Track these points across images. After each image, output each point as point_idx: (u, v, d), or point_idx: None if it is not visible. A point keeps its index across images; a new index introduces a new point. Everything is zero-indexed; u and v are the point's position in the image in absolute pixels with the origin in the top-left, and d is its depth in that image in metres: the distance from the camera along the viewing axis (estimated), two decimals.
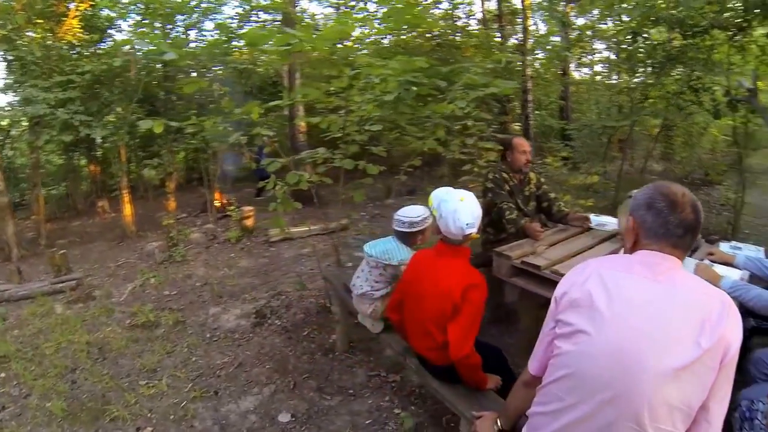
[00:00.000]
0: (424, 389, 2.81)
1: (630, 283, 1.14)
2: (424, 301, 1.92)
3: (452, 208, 1.88)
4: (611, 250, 2.80)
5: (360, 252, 5.22)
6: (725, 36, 4.79)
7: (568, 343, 1.17)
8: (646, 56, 6.05)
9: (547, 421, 1.22)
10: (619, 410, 1.07)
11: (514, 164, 3.27)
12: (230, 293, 4.38)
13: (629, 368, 1.06)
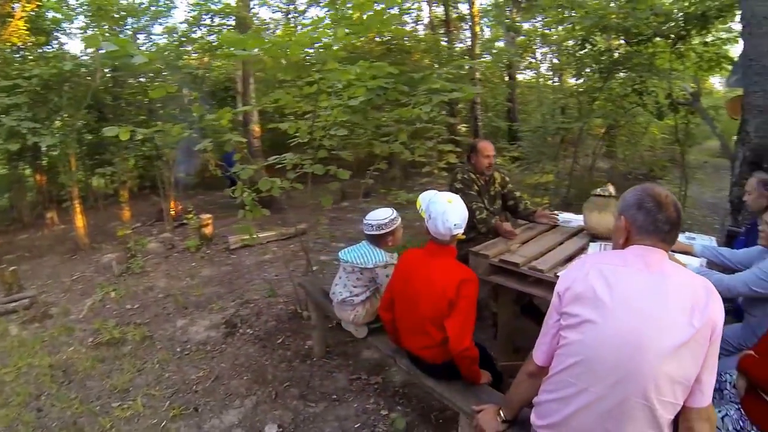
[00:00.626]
0: (407, 389, 2.86)
1: (627, 275, 1.27)
2: (419, 300, 1.96)
3: (441, 209, 1.95)
4: (580, 245, 2.95)
5: (323, 255, 5.29)
6: (667, 44, 5.20)
7: (575, 333, 1.28)
8: (593, 61, 6.43)
9: (559, 407, 1.32)
10: (629, 389, 1.19)
11: (478, 166, 3.36)
12: (196, 304, 4.22)
13: (635, 350, 1.19)
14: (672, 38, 5.08)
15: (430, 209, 1.99)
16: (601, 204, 3.10)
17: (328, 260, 5.15)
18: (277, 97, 3.16)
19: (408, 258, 2.11)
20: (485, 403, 1.82)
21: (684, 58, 5.21)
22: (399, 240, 2.55)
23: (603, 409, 1.23)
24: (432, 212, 1.97)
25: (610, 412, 1.22)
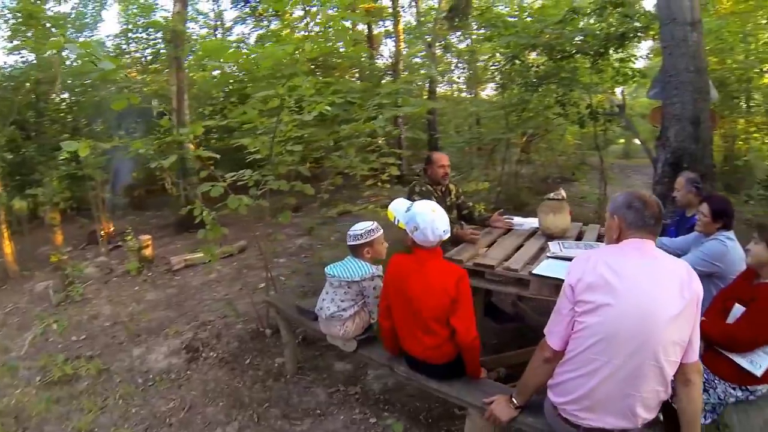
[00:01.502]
0: (387, 395, 2.89)
1: (628, 262, 1.52)
2: (419, 303, 2.02)
3: (429, 219, 2.02)
4: (539, 245, 3.17)
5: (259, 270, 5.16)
6: (588, 60, 5.75)
7: (593, 316, 1.50)
8: (519, 75, 6.91)
9: (584, 382, 1.54)
10: (643, 354, 1.46)
11: (434, 177, 3.49)
12: (148, 330, 3.92)
13: (645, 322, 1.45)
14: (591, 55, 5.63)
15: (416, 221, 2.04)
16: (555, 206, 3.36)
17: (274, 276, 5.03)
18: (242, 111, 3.05)
19: (398, 264, 2.16)
20: (492, 395, 1.92)
21: (602, 72, 5.79)
22: (379, 253, 2.53)
23: (623, 376, 1.48)
24: (420, 223, 2.03)
25: (628, 377, 1.47)
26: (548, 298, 2.61)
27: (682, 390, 1.53)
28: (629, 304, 1.46)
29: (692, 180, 3.06)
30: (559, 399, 1.62)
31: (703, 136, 3.67)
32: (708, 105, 3.72)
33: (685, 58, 3.56)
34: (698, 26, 3.55)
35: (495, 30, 5.76)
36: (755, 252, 2.01)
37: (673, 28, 3.59)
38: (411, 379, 2.28)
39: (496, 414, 1.83)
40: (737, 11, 5.71)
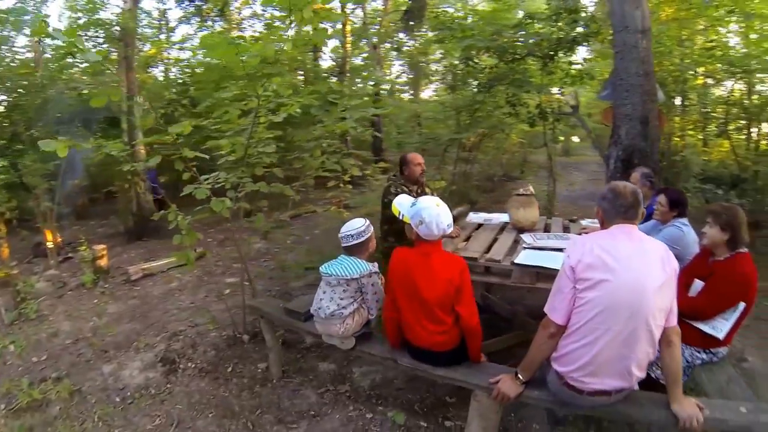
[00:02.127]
0: (377, 390, 2.94)
1: (619, 245, 1.77)
2: (427, 292, 2.12)
3: (435, 213, 2.12)
4: (513, 237, 3.36)
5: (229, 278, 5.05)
6: (538, 62, 6.09)
7: (593, 291, 1.72)
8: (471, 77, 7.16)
9: (587, 350, 1.76)
10: (637, 320, 1.70)
11: (411, 176, 3.56)
12: (115, 345, 3.70)
13: (638, 293, 1.70)
14: (541, 57, 5.97)
15: (422, 215, 2.13)
16: (525, 201, 3.57)
17: (231, 282, 4.95)
18: (221, 112, 2.96)
19: (402, 258, 2.23)
20: (495, 375, 2.07)
21: (552, 74, 6.15)
22: (373, 248, 2.60)
23: (621, 340, 1.72)
24: (425, 218, 2.12)
25: (625, 341, 1.72)
26: (530, 285, 2.81)
27: (665, 350, 1.79)
28: (624, 279, 1.70)
29: (646, 175, 3.36)
30: (564, 368, 1.82)
31: (651, 135, 4.04)
32: (656, 106, 4.10)
33: (636, 62, 3.90)
34: (648, 34, 3.91)
35: (450, 33, 5.94)
36: (710, 234, 2.28)
37: (625, 35, 3.92)
38: (415, 370, 2.35)
39: (504, 391, 1.98)
40: (678, 18, 6.31)
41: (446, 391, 2.88)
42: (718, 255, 2.30)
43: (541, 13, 5.43)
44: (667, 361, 1.81)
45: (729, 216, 2.23)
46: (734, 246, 2.23)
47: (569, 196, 9.01)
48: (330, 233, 7.02)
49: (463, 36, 5.74)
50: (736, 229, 2.21)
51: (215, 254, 6.36)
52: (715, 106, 6.93)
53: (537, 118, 6.87)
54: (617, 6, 3.95)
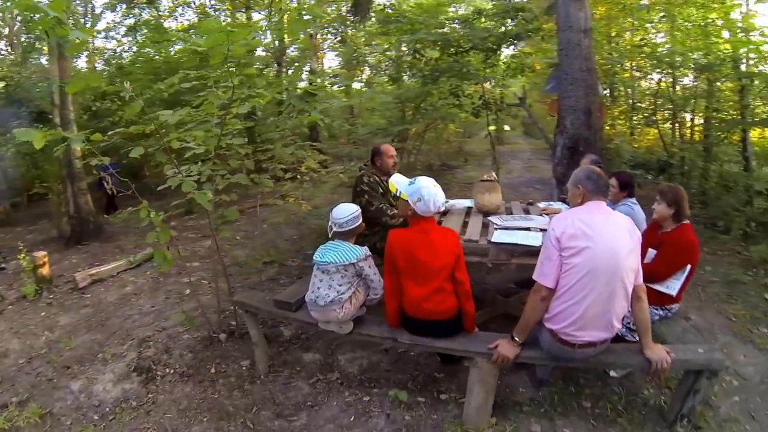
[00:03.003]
0: (367, 374, 3.05)
1: (594, 218, 2.11)
2: (432, 264, 2.34)
3: (433, 192, 2.35)
4: (481, 219, 3.60)
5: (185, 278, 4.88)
6: (481, 56, 6.43)
7: (578, 257, 2.05)
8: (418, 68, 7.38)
9: (576, 307, 2.08)
10: (615, 280, 2.04)
11: (384, 167, 3.66)
12: (77, 359, 3.45)
13: (614, 257, 2.04)
14: (484, 51, 6.31)
15: (421, 193, 2.35)
16: (489, 187, 3.83)
17: (190, 281, 4.79)
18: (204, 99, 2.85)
19: (401, 238, 2.41)
20: (490, 341, 2.33)
21: (494, 66, 6.54)
22: (361, 230, 2.75)
23: (603, 298, 2.06)
24: (424, 195, 2.34)
25: (607, 298, 2.06)
26: (506, 261, 3.07)
27: (636, 304, 2.16)
28: (602, 246, 2.03)
29: (595, 161, 3.74)
30: (558, 326, 2.14)
31: (594, 125, 4.50)
32: (597, 98, 4.56)
33: (579, 59, 4.31)
34: (589, 33, 4.33)
35: (399, 25, 6.09)
36: (659, 210, 2.69)
37: (569, 34, 4.31)
38: (415, 345, 2.55)
39: (503, 354, 2.24)
40: (608, 16, 6.96)
41: (433, 369, 3.06)
42: (666, 227, 2.71)
43: (490, 10, 5.74)
44: (637, 313, 2.18)
45: (674, 194, 2.64)
46: (679, 219, 2.65)
47: (510, 183, 9.57)
48: (278, 228, 6.96)
49: (413, 29, 5.90)
50: (681, 205, 2.62)
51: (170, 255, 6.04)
52: (642, 98, 7.78)
53: (480, 108, 7.26)
54: (562, 6, 4.33)
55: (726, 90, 6.19)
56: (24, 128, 2.06)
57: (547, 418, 2.57)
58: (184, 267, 5.43)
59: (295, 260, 5.49)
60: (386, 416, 2.65)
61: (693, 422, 2.36)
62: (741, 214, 5.21)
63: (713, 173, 6.10)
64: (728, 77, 5.73)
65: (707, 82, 6.27)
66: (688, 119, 7.35)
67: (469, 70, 6.63)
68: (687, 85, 7.23)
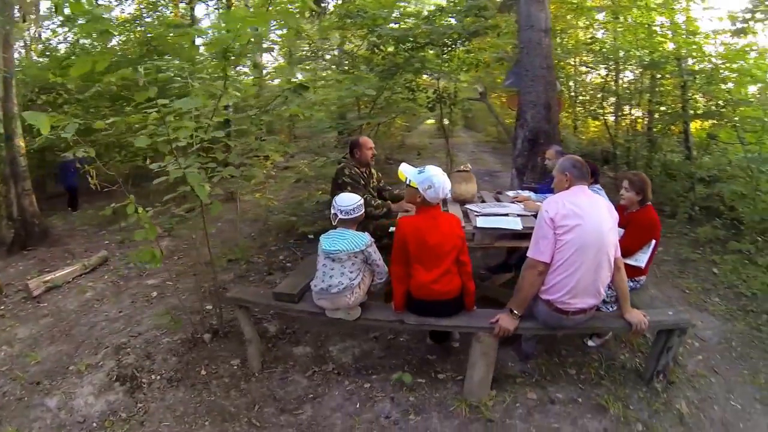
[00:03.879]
0: (361, 362, 3.13)
1: (581, 200, 2.40)
2: (442, 247, 2.52)
3: (442, 180, 2.53)
4: (459, 208, 3.76)
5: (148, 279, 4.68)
6: (437, 51, 6.62)
7: (570, 234, 2.32)
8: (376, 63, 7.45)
9: (569, 280, 2.35)
10: (601, 254, 2.34)
11: (362, 159, 3.76)
12: (46, 373, 3.22)
13: (599, 233, 2.33)
14: (440, 46, 6.52)
15: (432, 181, 2.52)
16: (466, 177, 4.02)
17: (154, 283, 4.66)
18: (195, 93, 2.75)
19: (412, 224, 2.57)
20: (489, 317, 2.55)
21: (449, 62, 6.77)
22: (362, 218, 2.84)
23: (592, 269, 2.35)
24: (435, 183, 2.51)
25: (595, 269, 2.35)
26: (489, 245, 3.32)
27: (616, 274, 2.49)
28: (590, 224, 2.32)
29: (560, 151, 4.07)
30: (553, 296, 2.41)
31: (553, 119, 4.83)
32: (555, 94, 4.89)
33: (540, 57, 4.62)
34: (549, 33, 4.64)
35: (361, 20, 6.12)
36: (627, 197, 3.04)
37: (530, 33, 4.60)
38: (421, 326, 2.72)
39: (504, 326, 2.46)
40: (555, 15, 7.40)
41: (424, 352, 3.21)
42: (632, 209, 3.05)
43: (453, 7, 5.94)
44: (617, 282, 2.51)
45: (641, 182, 3.01)
46: (643, 202, 2.98)
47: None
48: (234, 225, 6.78)
49: (374, 23, 5.97)
50: (646, 191, 2.99)
51: (120, 256, 5.71)
52: (587, 92, 8.39)
53: (435, 102, 7.48)
54: (524, 7, 4.61)
55: (668, 85, 6.87)
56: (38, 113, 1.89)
57: (539, 386, 2.81)
58: (145, 269, 5.18)
59: (260, 257, 5.40)
60: (390, 399, 2.76)
61: (667, 378, 2.70)
62: (685, 200, 5.85)
63: (657, 162, 6.75)
64: (672, 74, 6.34)
65: (650, 78, 6.93)
66: (632, 112, 8.03)
67: (425, 65, 6.81)
68: (631, 80, 7.88)
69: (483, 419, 2.55)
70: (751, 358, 3.10)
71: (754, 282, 4.11)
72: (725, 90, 5.75)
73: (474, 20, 5.62)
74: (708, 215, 5.76)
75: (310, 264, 3.44)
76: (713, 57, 5.90)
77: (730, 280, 4.26)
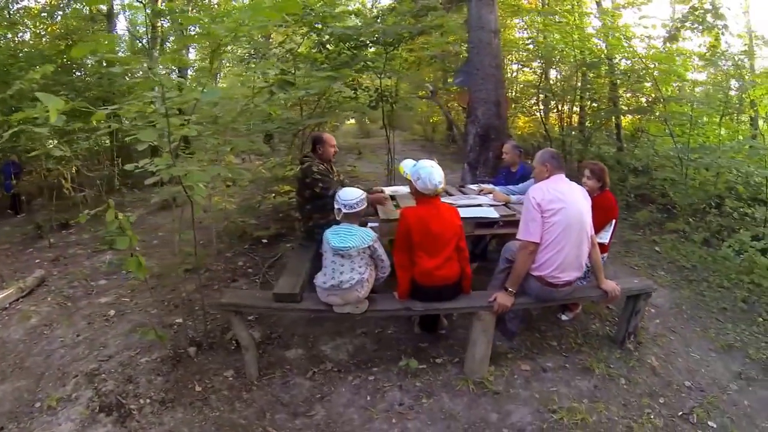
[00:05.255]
0: (357, 357, 3.25)
1: (561, 186, 2.82)
2: (445, 235, 2.79)
3: (429, 171, 2.79)
4: None
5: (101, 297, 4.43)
6: (378, 50, 6.80)
7: (557, 216, 2.71)
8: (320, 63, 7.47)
9: (558, 255, 2.75)
10: (582, 232, 2.78)
11: (325, 155, 3.87)
12: (9, 416, 2.86)
13: (580, 214, 2.77)
14: (383, 45, 6.71)
15: (420, 173, 2.79)
16: None
17: (108, 301, 4.40)
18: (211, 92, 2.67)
19: (416, 214, 2.82)
20: (486, 297, 2.89)
21: (392, 60, 6.99)
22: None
23: (575, 245, 2.77)
24: (421, 174, 2.78)
25: (578, 245, 2.78)
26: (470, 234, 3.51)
27: (592, 250, 2.94)
28: (572, 206, 2.74)
29: (516, 146, 4.51)
30: (544, 272, 2.80)
31: (502, 115, 5.28)
32: (504, 92, 5.31)
33: (490, 56, 5.03)
34: (498, 34, 5.04)
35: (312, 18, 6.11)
36: (590, 184, 3.48)
37: (481, 34, 4.99)
38: (427, 310, 2.95)
39: (502, 303, 2.80)
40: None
41: (415, 340, 3.43)
42: (593, 194, 3.50)
43: (404, 8, 6.15)
44: (594, 256, 2.98)
45: (600, 171, 3.46)
46: (603, 188, 3.46)
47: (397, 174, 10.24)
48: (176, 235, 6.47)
49: (324, 22, 6.03)
50: (604, 178, 3.48)
51: (60, 275, 5.24)
52: (522, 89, 9.09)
53: (377, 101, 7.66)
54: (475, 9, 4.99)
55: (599, 83, 7.71)
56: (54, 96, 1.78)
57: (528, 359, 3.19)
58: (91, 287, 4.81)
59: (219, 264, 5.25)
60: (399, 387, 2.94)
61: (637, 338, 3.20)
62: (623, 188, 6.66)
63: (591, 154, 7.53)
64: (605, 73, 7.13)
65: (582, 77, 7.72)
66: (565, 108, 8.86)
67: (367, 64, 6.97)
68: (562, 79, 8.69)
69: (489, 392, 2.85)
70: (699, 317, 3.81)
71: (693, 256, 4.94)
72: (654, 88, 6.57)
73: (420, 20, 5.91)
74: (643, 201, 6.65)
75: (298, 262, 3.54)
76: (644, 59, 6.74)
77: (672, 256, 5.05)
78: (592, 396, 2.83)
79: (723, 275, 4.55)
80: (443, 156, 12.35)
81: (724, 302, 4.09)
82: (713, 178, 5.97)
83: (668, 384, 2.96)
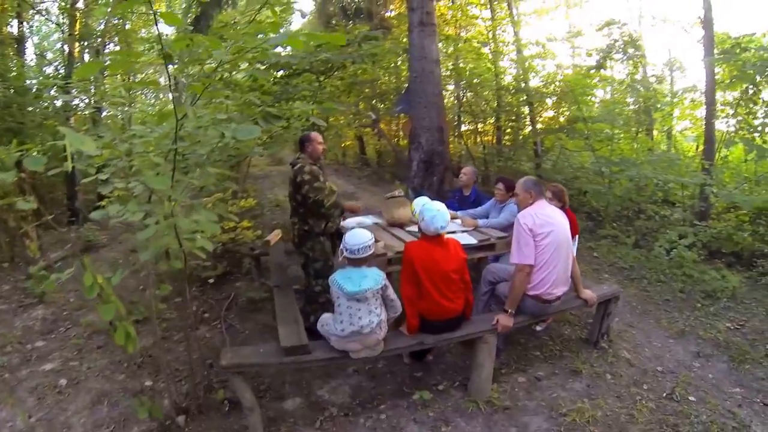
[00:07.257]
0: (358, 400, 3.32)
1: (546, 210, 3.32)
2: (450, 269, 3.06)
3: (432, 215, 3.08)
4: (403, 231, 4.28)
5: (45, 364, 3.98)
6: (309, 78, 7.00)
7: (548, 238, 3.17)
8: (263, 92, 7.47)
9: (550, 274, 3.19)
10: (568, 250, 3.32)
11: (314, 154, 3.86)
12: None
13: (565, 234, 3.31)
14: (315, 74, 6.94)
15: (424, 214, 3.09)
16: (400, 202, 4.54)
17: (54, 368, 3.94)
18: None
19: (423, 248, 3.08)
20: (488, 321, 3.24)
21: (324, 88, 7.24)
22: None
23: (564, 263, 3.25)
24: (425, 216, 3.09)
25: (565, 264, 3.27)
26: None
27: (573, 264, 3.42)
28: (558, 229, 3.20)
29: (476, 171, 4.98)
30: (540, 290, 3.21)
31: (445, 140, 5.77)
32: (445, 119, 5.79)
33: (432, 85, 5.51)
34: (438, 63, 5.51)
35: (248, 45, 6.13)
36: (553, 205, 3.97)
37: (423, 63, 5.45)
38: (438, 342, 3.22)
39: (505, 324, 3.17)
40: None
41: (408, 371, 3.62)
42: None
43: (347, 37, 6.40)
44: (574, 269, 3.45)
45: (560, 193, 3.97)
46: (563, 207, 3.99)
47: None
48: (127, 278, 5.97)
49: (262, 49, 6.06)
50: (564, 199, 4.00)
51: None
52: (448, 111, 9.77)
53: (311, 129, 7.84)
54: (417, 39, 5.45)
55: (516, 105, 8.64)
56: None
57: (520, 371, 3.58)
58: (28, 352, 4.19)
59: (170, 312, 4.93)
60: (414, 421, 3.09)
61: (609, 336, 3.76)
62: None
63: (509, 171, 8.34)
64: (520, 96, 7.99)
65: (497, 99, 8.61)
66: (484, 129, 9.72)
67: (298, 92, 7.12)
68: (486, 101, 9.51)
69: (500, 409, 3.16)
70: (650, 311, 4.56)
71: (628, 257, 5.81)
72: (575, 108, 7.54)
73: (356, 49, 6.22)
74: None
75: (287, 309, 3.55)
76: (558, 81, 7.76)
77: (610, 260, 5.90)
78: (589, 394, 3.29)
79: (659, 271, 5.46)
80: (359, 180, 12.59)
81: (665, 294, 4.93)
82: (633, 187, 7.01)
83: (644, 372, 3.54)
